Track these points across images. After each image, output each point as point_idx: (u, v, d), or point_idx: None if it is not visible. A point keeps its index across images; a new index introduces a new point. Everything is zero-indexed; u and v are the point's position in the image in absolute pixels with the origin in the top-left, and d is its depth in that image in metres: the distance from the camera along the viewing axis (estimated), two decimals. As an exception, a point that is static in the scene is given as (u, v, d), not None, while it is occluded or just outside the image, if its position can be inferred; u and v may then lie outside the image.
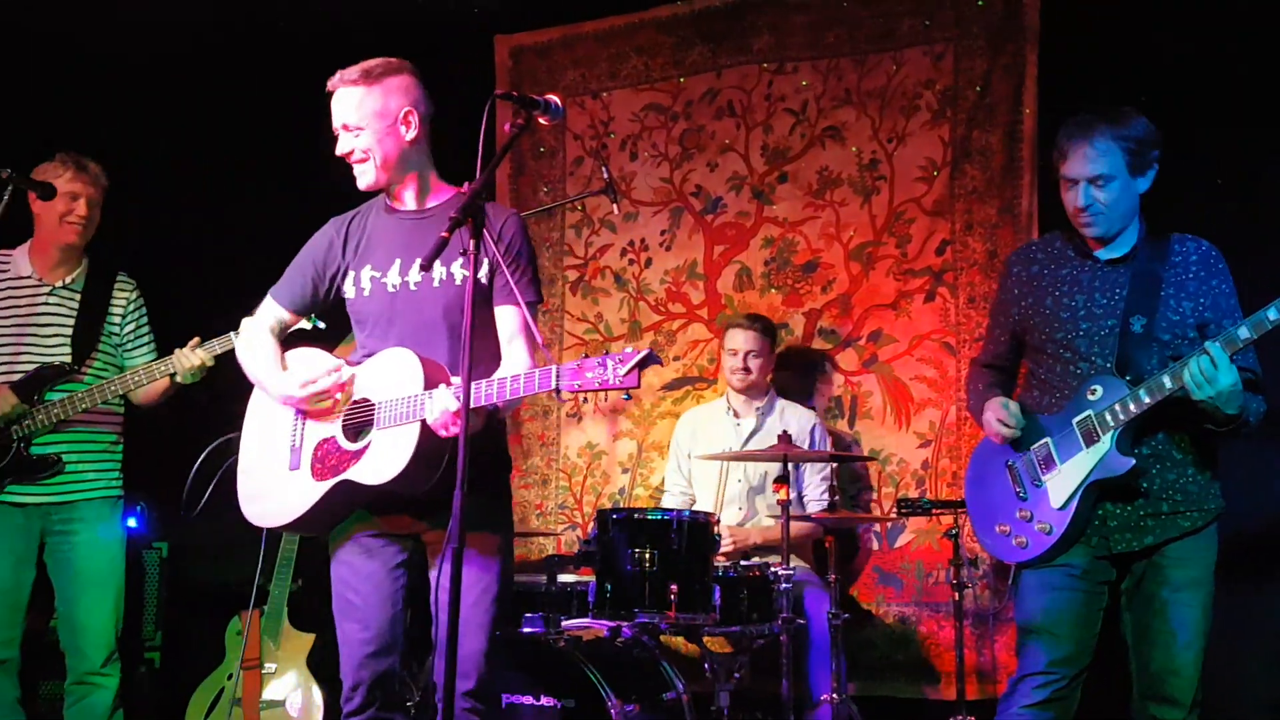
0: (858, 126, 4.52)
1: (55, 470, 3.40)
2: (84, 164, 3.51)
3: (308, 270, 2.75)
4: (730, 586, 3.43)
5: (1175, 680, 2.57)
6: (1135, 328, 2.62)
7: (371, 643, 2.58)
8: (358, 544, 2.63)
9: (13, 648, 3.37)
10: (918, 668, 4.17)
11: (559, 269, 4.96)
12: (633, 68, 4.92)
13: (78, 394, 3.40)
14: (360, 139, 2.62)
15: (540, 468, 4.88)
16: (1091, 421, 2.61)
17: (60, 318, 3.49)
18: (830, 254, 4.52)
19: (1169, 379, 2.51)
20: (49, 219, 3.48)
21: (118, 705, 3.44)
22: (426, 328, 2.61)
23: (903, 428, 4.33)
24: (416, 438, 2.45)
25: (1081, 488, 2.61)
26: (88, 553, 3.43)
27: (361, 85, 2.61)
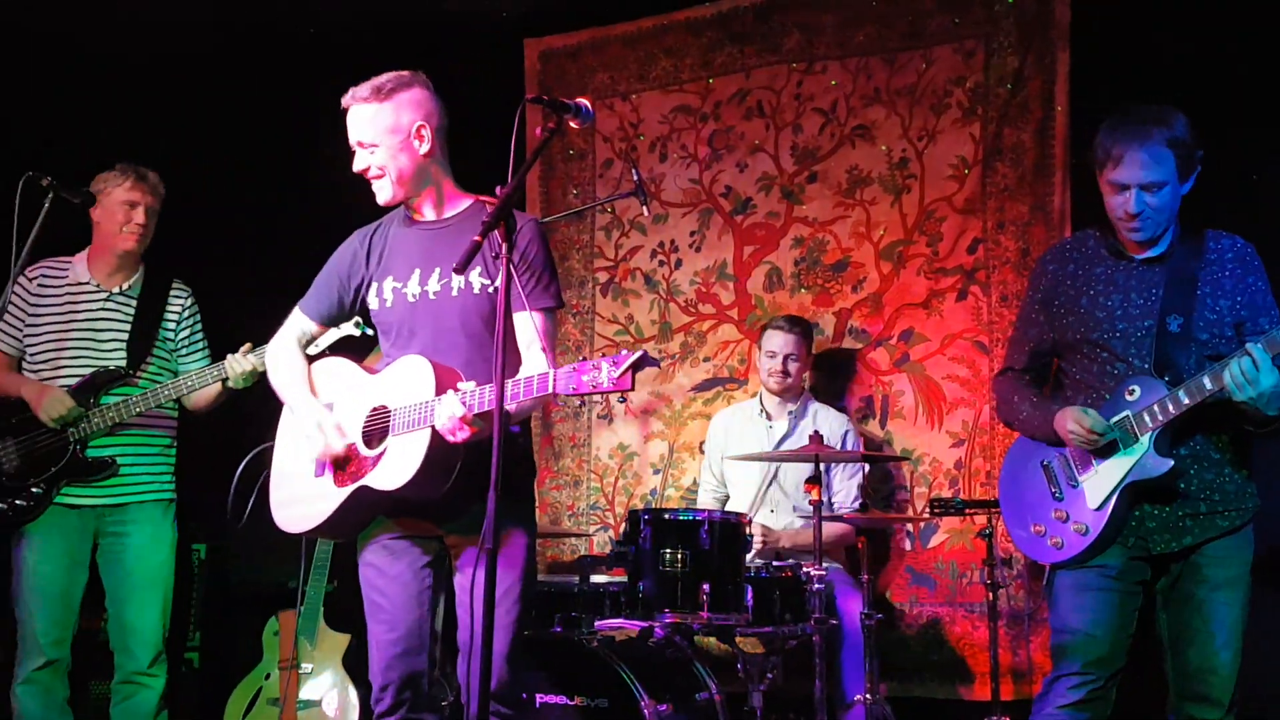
0: (888, 125, 4.51)
1: (110, 472, 3.46)
2: (143, 174, 3.59)
3: (333, 282, 2.80)
4: (762, 587, 3.43)
5: (1213, 679, 2.54)
6: (1172, 327, 2.59)
7: (399, 643, 2.60)
8: (383, 546, 2.66)
9: (63, 648, 3.43)
10: (952, 668, 4.16)
11: (589, 271, 4.98)
12: (661, 69, 4.93)
13: (132, 398, 3.46)
14: (375, 155, 2.65)
15: (572, 469, 4.90)
16: (1129, 422, 2.59)
17: (117, 323, 3.57)
18: (861, 253, 4.51)
19: (1209, 380, 2.48)
20: (108, 227, 3.56)
21: (163, 706, 3.49)
22: (445, 336, 2.63)
23: (935, 427, 4.31)
24: (427, 443, 2.47)
25: (1119, 488, 2.59)
26: (139, 555, 3.49)
27: (373, 102, 2.64)
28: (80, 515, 3.46)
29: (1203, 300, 2.61)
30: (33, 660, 3.38)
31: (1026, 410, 2.79)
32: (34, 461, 3.43)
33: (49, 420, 3.40)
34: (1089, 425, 2.61)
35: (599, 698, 3.16)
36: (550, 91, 4.76)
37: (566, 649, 3.26)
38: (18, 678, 3.39)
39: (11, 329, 3.57)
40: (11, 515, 3.42)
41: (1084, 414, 2.63)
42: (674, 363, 4.78)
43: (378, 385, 2.67)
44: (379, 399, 2.64)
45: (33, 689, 3.38)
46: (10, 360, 3.58)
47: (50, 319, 3.55)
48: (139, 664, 3.45)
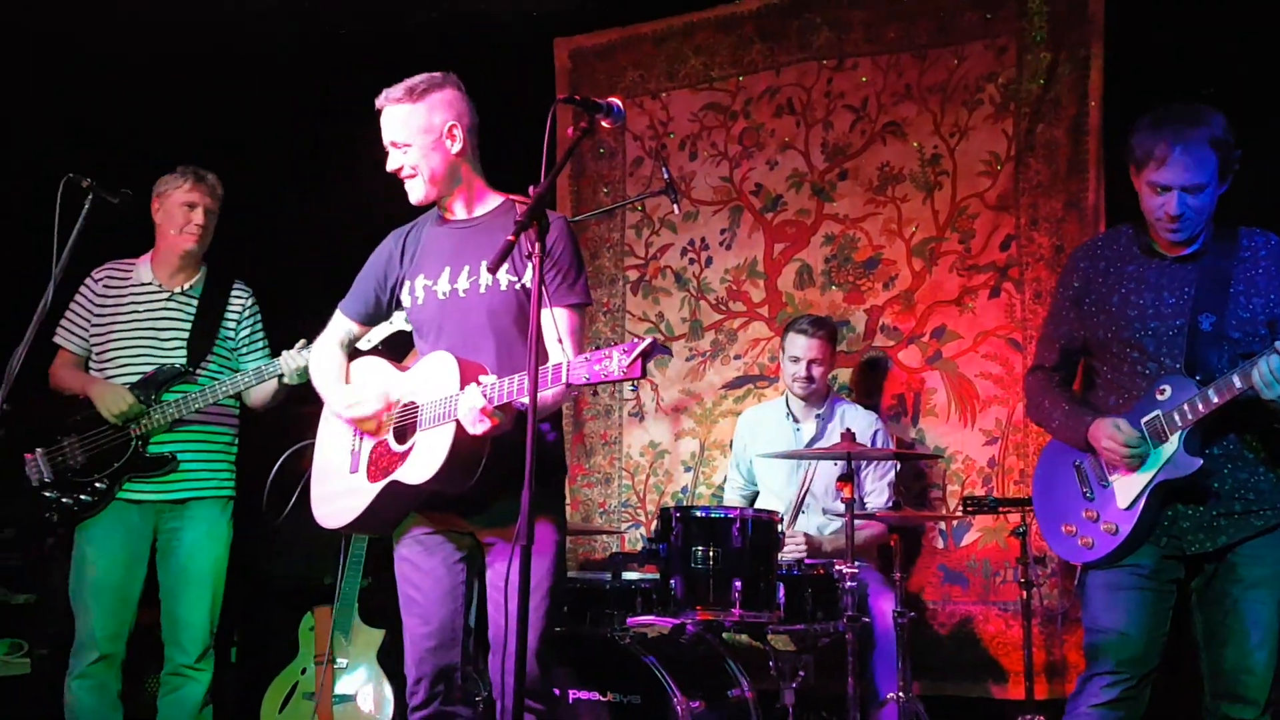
0: (919, 122, 4.49)
1: (171, 468, 3.52)
2: (202, 175, 3.68)
3: (371, 282, 2.86)
4: (795, 585, 3.43)
5: (1248, 679, 2.52)
6: (1205, 326, 2.56)
7: (433, 637, 2.63)
8: (418, 541, 2.70)
9: (119, 643, 3.49)
10: (985, 666, 4.14)
11: (620, 269, 5.00)
12: (691, 68, 4.93)
13: (191, 395, 3.52)
14: (408, 155, 2.70)
15: (603, 466, 4.92)
16: (1160, 421, 2.57)
17: (178, 322, 3.64)
18: (892, 250, 4.50)
19: (1238, 378, 2.46)
20: (168, 228, 3.65)
21: (209, 700, 3.55)
22: (473, 333, 2.67)
23: (968, 425, 4.29)
24: (451, 437, 2.51)
25: (1149, 488, 2.57)
26: (193, 551, 3.55)
27: (406, 103, 2.69)
28: (141, 511, 3.53)
29: (1236, 298, 2.58)
30: (88, 654, 3.44)
31: (1059, 419, 2.76)
32: (98, 458, 3.50)
33: (110, 416, 3.48)
34: (1123, 440, 2.58)
35: (631, 694, 3.17)
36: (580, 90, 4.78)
37: (599, 645, 3.27)
38: (72, 671, 3.45)
39: (79, 329, 3.67)
40: (76, 510, 3.49)
41: (1117, 429, 2.60)
42: (704, 360, 4.78)
43: (407, 381, 2.71)
44: (408, 395, 2.68)
45: (87, 683, 3.43)
46: (78, 359, 3.67)
47: (115, 319, 3.63)
48: (187, 657, 3.51)
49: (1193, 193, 2.55)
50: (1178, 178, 2.54)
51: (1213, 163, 2.54)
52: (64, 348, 3.67)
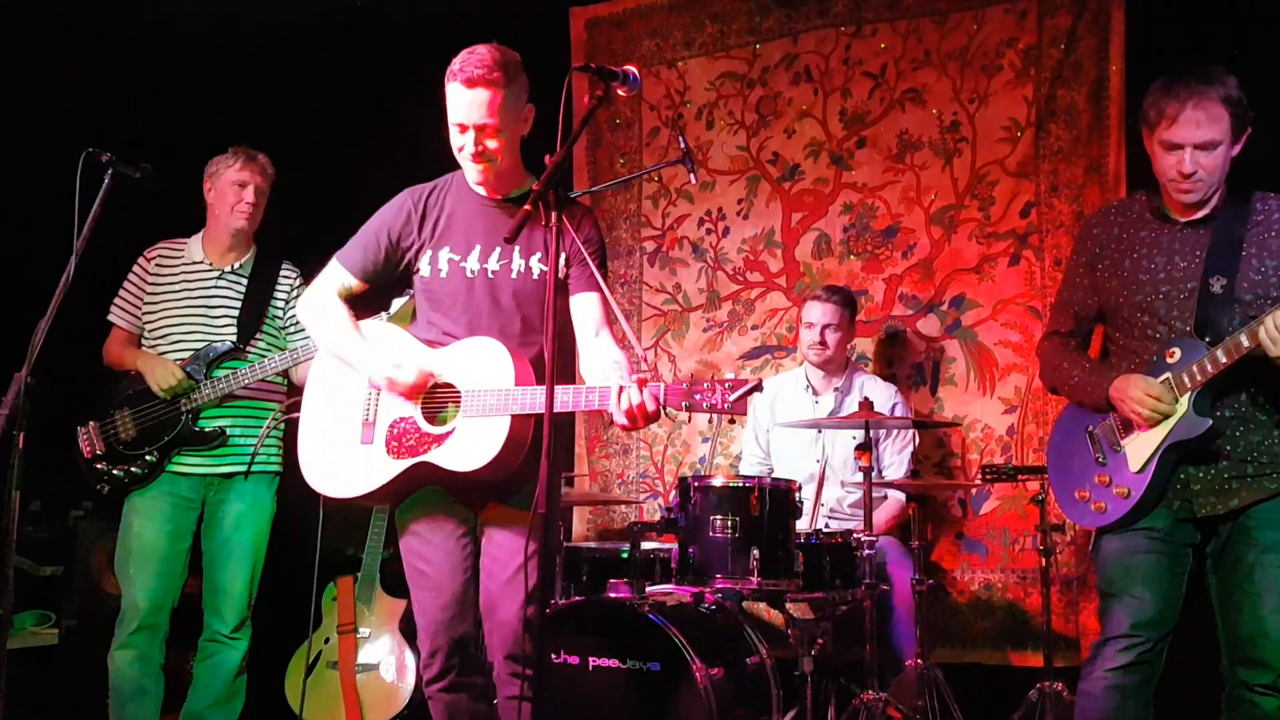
0: (938, 88, 4.45)
1: (220, 442, 3.58)
2: (253, 155, 3.72)
3: (382, 239, 2.73)
4: (813, 553, 3.44)
5: (1265, 643, 2.51)
6: (1215, 289, 2.55)
7: (447, 609, 2.63)
8: (426, 514, 2.68)
9: (163, 614, 3.54)
10: (1003, 634, 4.15)
11: (636, 240, 4.99)
12: (708, 36, 4.90)
13: (239, 371, 3.57)
14: (492, 139, 2.58)
15: (621, 437, 4.93)
16: (1170, 383, 2.56)
17: (228, 300, 3.69)
18: (911, 218, 4.47)
19: (1245, 337, 2.45)
20: (219, 207, 3.70)
21: (243, 669, 3.61)
22: (499, 315, 2.64)
23: (987, 393, 4.27)
24: (507, 431, 2.49)
25: (1160, 450, 2.57)
26: (238, 523, 3.60)
27: (502, 86, 2.53)
28: (191, 484, 3.58)
29: (1247, 261, 2.57)
30: (130, 623, 3.49)
31: (1078, 376, 2.76)
32: (149, 431, 3.56)
33: (159, 390, 3.53)
34: (1158, 394, 2.55)
35: (650, 662, 3.19)
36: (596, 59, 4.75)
37: (618, 614, 3.29)
38: (116, 641, 3.51)
39: (131, 307, 3.72)
40: (127, 482, 3.55)
41: (1150, 384, 2.58)
42: (722, 331, 4.78)
43: (443, 360, 2.65)
44: (444, 375, 2.63)
45: (129, 654, 3.48)
46: (131, 337, 3.72)
47: (166, 296, 3.68)
48: (225, 626, 3.57)
49: (1204, 150, 2.55)
50: (1189, 135, 2.54)
51: (1224, 120, 2.53)
52: (117, 325, 3.73)
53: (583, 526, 4.95)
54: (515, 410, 2.49)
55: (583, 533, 4.93)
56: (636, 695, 3.19)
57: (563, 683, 3.24)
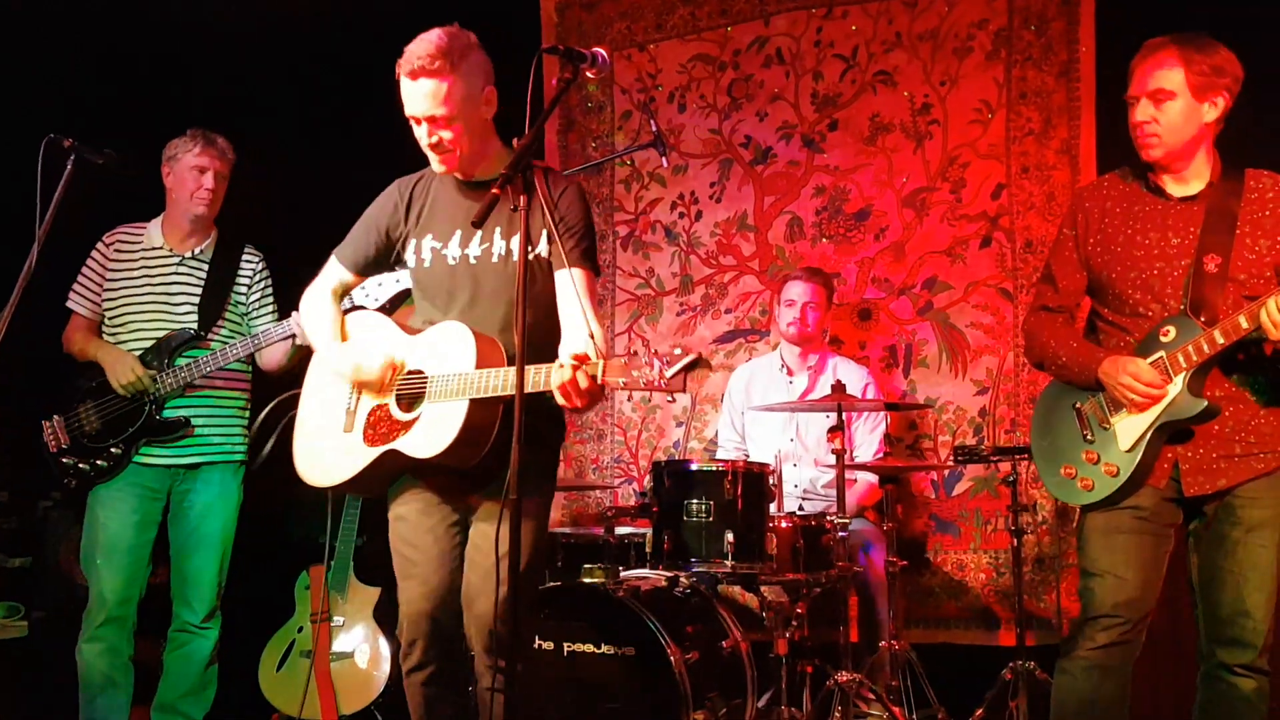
0: (909, 70, 4.45)
1: (185, 433, 3.53)
2: (211, 138, 3.64)
3: (371, 232, 2.75)
4: (786, 536, 3.44)
5: (1245, 622, 2.51)
6: (1209, 267, 2.53)
7: (430, 598, 2.60)
8: (414, 503, 2.67)
9: (130, 606, 3.50)
10: (976, 615, 4.17)
11: (609, 225, 4.96)
12: (680, 18, 4.87)
13: (201, 359, 3.52)
14: (447, 129, 2.53)
15: (595, 422, 4.92)
16: (1164, 363, 2.54)
17: (189, 287, 3.62)
18: (883, 201, 4.47)
19: (1245, 319, 2.43)
20: (179, 192, 3.62)
21: (214, 659, 3.58)
22: (484, 301, 2.61)
23: (959, 375, 4.29)
24: (464, 415, 2.47)
25: (1151, 430, 2.55)
26: (204, 513, 3.57)
27: (446, 75, 2.47)
28: (156, 475, 3.54)
29: (1241, 239, 2.54)
30: (97, 616, 3.45)
31: (1065, 355, 2.71)
32: (112, 423, 3.51)
33: (118, 387, 3.49)
34: (1146, 380, 2.54)
35: (625, 646, 3.19)
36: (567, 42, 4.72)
37: (593, 599, 3.29)
38: (83, 634, 3.47)
39: (90, 293, 3.65)
40: (92, 475, 3.51)
41: (1140, 366, 2.55)
42: (695, 315, 4.77)
43: (416, 348, 2.65)
44: (416, 362, 2.63)
45: (97, 646, 3.45)
46: (91, 324, 3.65)
47: (126, 283, 3.61)
48: (195, 616, 3.55)
49: (1157, 101, 2.57)
50: (1140, 85, 2.60)
51: (1178, 74, 2.55)
52: (76, 311, 3.66)
53: (558, 512, 4.94)
54: (471, 394, 2.46)
55: (558, 518, 4.92)
56: (612, 680, 3.19)
57: (539, 668, 3.23)
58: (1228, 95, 2.58)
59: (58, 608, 4.38)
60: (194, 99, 4.60)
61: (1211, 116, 2.59)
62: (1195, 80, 2.55)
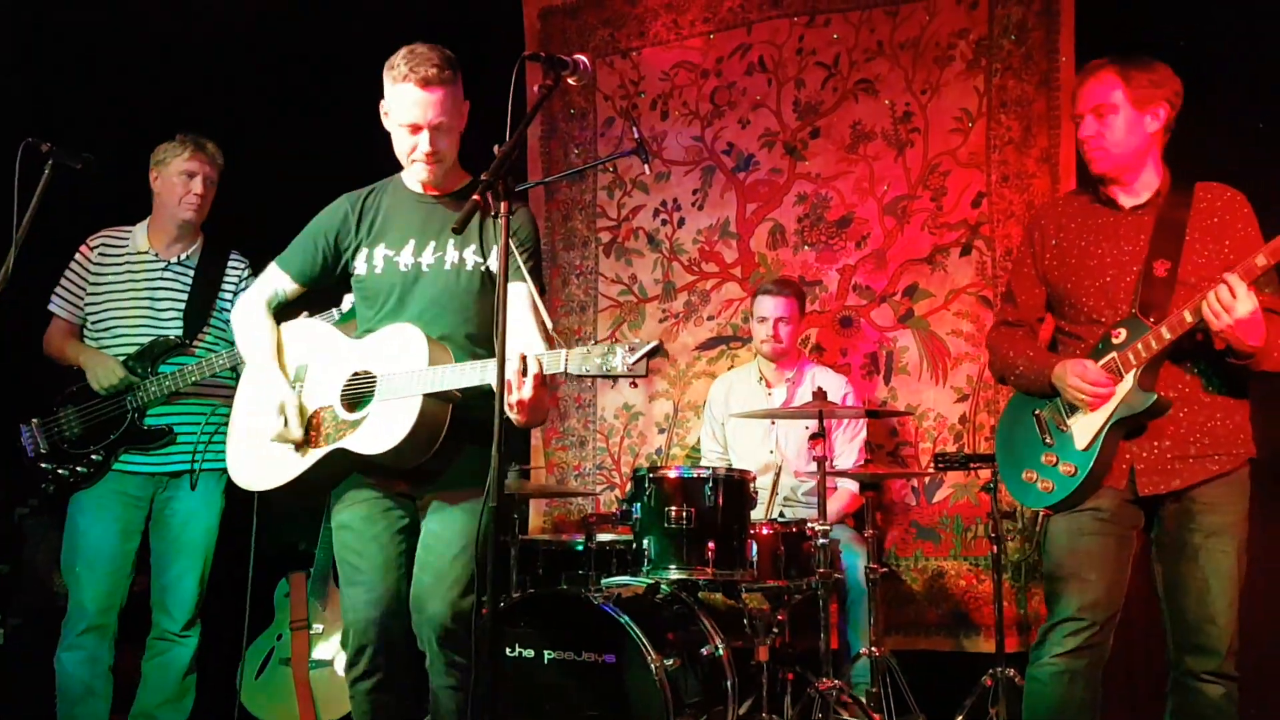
0: (891, 79, 4.47)
1: (167, 441, 3.50)
2: (202, 144, 3.62)
3: (319, 241, 2.76)
4: (767, 542, 3.45)
5: (1209, 628, 2.54)
6: (1159, 272, 2.61)
7: (377, 605, 2.58)
8: (359, 510, 2.65)
9: (111, 615, 3.47)
10: (956, 621, 4.19)
11: (592, 231, 4.97)
12: (662, 25, 4.88)
13: (187, 367, 3.49)
14: (443, 139, 2.59)
15: (577, 429, 4.92)
16: (1115, 362, 2.61)
17: (175, 293, 3.60)
18: (864, 209, 4.49)
19: (1189, 313, 2.51)
20: (167, 197, 3.60)
21: (193, 668, 3.55)
22: (434, 307, 2.63)
23: (939, 383, 4.31)
24: (417, 413, 2.47)
25: (1106, 427, 2.61)
26: (186, 521, 3.54)
27: (453, 86, 2.56)
28: (138, 483, 3.51)
29: (1191, 245, 2.62)
30: (77, 624, 3.42)
31: (1022, 365, 2.80)
32: (94, 429, 3.48)
33: (100, 389, 3.46)
34: (1092, 379, 2.60)
35: (605, 654, 3.18)
36: (550, 49, 4.73)
37: (573, 606, 3.28)
38: (62, 642, 3.43)
39: (73, 297, 3.62)
40: (72, 481, 3.48)
41: (1088, 367, 2.63)
42: (678, 322, 4.78)
43: (361, 350, 2.66)
44: (362, 364, 2.64)
45: (77, 655, 3.41)
46: (72, 328, 3.63)
47: (110, 288, 3.59)
48: (174, 624, 3.52)
49: (1100, 116, 2.67)
50: (1082, 103, 2.71)
51: (1117, 89, 2.66)
52: (58, 315, 3.63)
53: (539, 519, 4.93)
54: (425, 390, 2.46)
55: (539, 525, 4.91)
56: (592, 688, 3.18)
57: (518, 676, 3.22)
58: (1169, 106, 2.68)
59: (35, 615, 4.34)
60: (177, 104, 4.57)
61: (1154, 127, 2.68)
62: (1135, 94, 2.66)
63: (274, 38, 4.91)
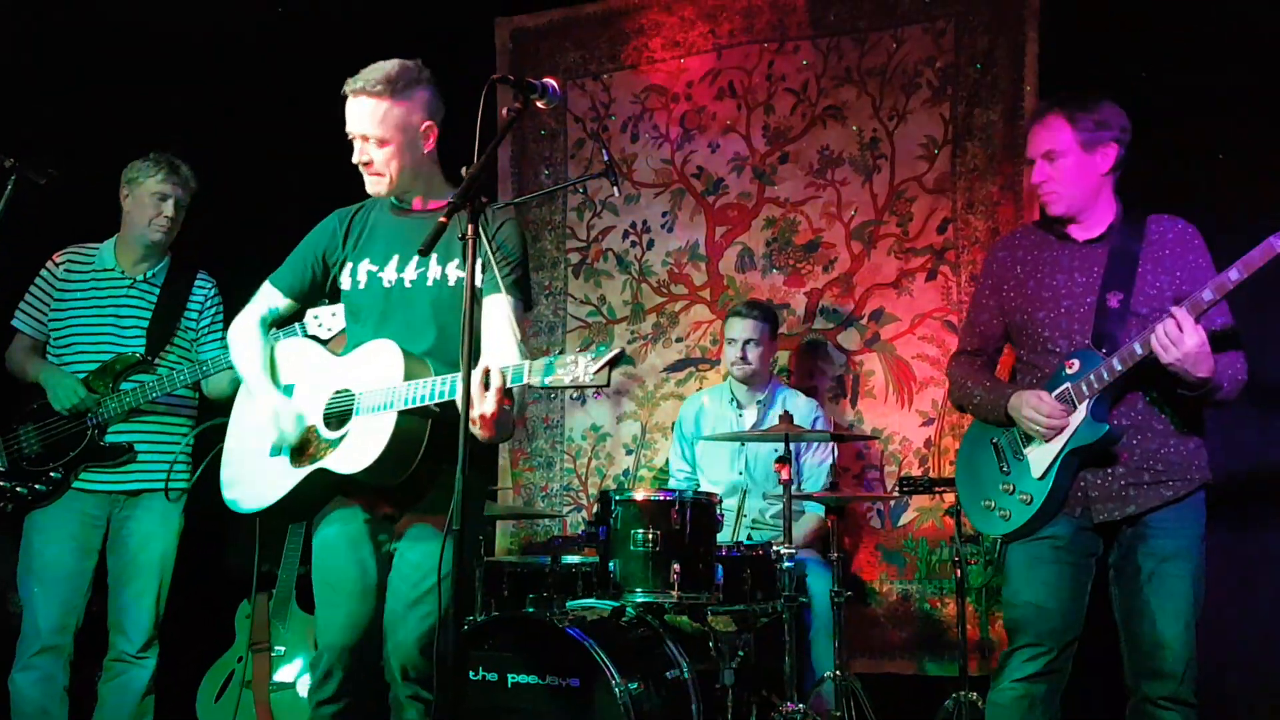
0: (858, 105, 4.51)
1: (128, 459, 3.47)
2: (175, 166, 3.59)
3: (309, 259, 2.77)
4: (733, 565, 3.45)
5: (1164, 653, 2.56)
6: (1112, 303, 2.65)
7: (352, 631, 2.55)
8: (341, 532, 2.63)
9: (67, 634, 3.42)
10: (921, 644, 4.20)
11: (561, 252, 4.97)
12: (633, 49, 4.91)
13: (148, 383, 3.46)
14: (379, 151, 2.60)
15: (545, 450, 4.91)
16: (1069, 393, 2.64)
17: (139, 310, 3.57)
18: (832, 233, 4.53)
19: (1139, 345, 2.55)
20: (137, 216, 3.57)
21: (151, 689, 3.50)
22: (418, 324, 2.62)
23: (905, 406, 4.34)
24: (392, 428, 2.46)
25: (1061, 456, 2.64)
26: (144, 541, 3.50)
27: (386, 99, 2.55)
28: (97, 501, 3.48)
29: (1143, 277, 2.67)
30: (32, 645, 3.37)
31: (980, 395, 2.84)
32: (54, 446, 3.44)
33: (60, 408, 3.43)
34: (1047, 411, 2.64)
35: (570, 677, 3.16)
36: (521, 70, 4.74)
37: (538, 629, 3.26)
38: (16, 663, 3.38)
39: (36, 312, 3.59)
40: (30, 499, 3.44)
41: (1042, 398, 2.66)
42: (646, 343, 4.78)
43: (342, 367, 2.66)
44: (342, 382, 2.63)
45: (31, 675, 3.36)
46: (35, 344, 3.59)
47: (74, 304, 3.56)
48: (131, 646, 3.47)
49: (1050, 160, 2.72)
50: (1033, 148, 2.76)
51: (1065, 132, 2.70)
52: (21, 331, 3.59)
53: (505, 540, 4.91)
54: (399, 405, 2.44)
55: (505, 546, 4.89)
56: (556, 711, 3.16)
57: (481, 700, 3.20)
58: (1117, 145, 2.72)
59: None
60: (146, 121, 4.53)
61: (1105, 167, 2.72)
62: (1082, 136, 2.69)
63: (244, 57, 4.89)
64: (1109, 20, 3.93)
